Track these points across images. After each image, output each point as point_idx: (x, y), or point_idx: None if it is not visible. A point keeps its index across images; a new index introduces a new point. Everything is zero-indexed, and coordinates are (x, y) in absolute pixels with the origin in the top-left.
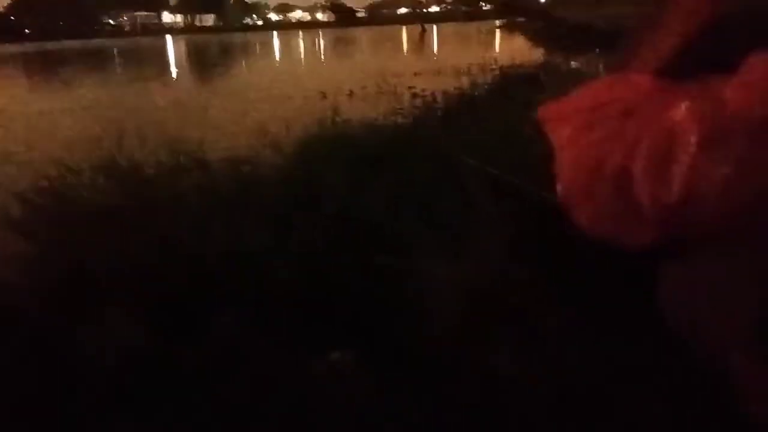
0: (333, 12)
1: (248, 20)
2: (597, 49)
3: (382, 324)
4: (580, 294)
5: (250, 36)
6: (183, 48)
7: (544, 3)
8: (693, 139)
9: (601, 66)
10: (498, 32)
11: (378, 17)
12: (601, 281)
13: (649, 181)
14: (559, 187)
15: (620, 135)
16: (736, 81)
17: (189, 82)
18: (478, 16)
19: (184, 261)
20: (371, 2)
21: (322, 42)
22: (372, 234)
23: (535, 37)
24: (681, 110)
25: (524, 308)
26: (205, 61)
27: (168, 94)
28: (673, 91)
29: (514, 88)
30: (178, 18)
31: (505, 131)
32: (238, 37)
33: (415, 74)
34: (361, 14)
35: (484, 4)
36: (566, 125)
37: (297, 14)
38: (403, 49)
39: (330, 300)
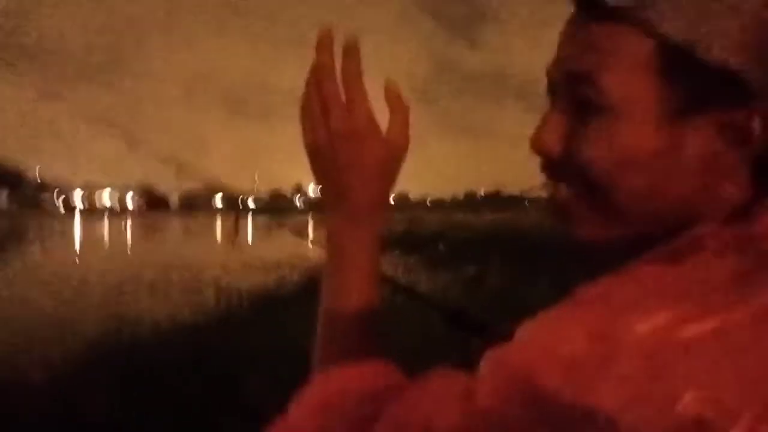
0: (143, 200)
1: (44, 199)
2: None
3: None
4: None
5: (47, 218)
6: None
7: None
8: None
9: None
10: (311, 224)
11: (192, 206)
12: None
13: None
14: None
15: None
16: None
17: None
18: (293, 209)
19: None
20: (185, 191)
21: (129, 230)
22: None
23: None
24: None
25: None
26: None
27: None
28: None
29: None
30: None
31: (294, 346)
32: (33, 218)
33: (223, 267)
34: (174, 202)
35: (296, 198)
36: None
37: (105, 194)
38: (215, 239)
39: None
